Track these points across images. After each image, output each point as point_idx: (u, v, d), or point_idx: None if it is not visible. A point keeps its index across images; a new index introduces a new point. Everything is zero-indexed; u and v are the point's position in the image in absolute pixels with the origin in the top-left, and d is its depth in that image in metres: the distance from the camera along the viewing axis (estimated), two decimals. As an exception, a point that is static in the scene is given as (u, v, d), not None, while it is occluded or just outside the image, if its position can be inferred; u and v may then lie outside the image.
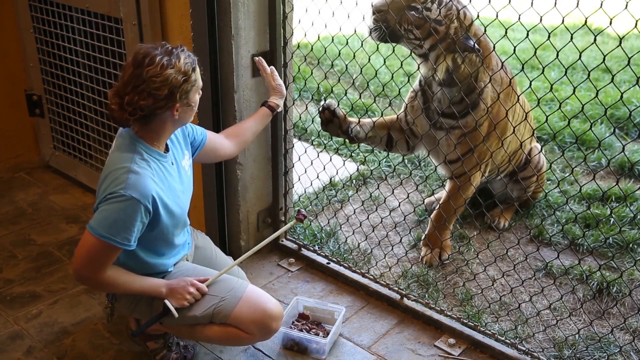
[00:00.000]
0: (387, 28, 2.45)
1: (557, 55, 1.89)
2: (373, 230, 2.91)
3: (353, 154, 3.90)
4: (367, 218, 3.01)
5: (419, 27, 2.44)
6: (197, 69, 1.86)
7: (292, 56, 2.64)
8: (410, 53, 2.62)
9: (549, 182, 3.58)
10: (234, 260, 2.40)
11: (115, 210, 1.75)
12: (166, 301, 1.94)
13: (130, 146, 1.85)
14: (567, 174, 3.62)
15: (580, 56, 1.86)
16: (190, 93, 1.84)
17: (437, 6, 2.43)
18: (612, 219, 3.10)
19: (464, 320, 2.37)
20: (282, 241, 2.94)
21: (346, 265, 2.72)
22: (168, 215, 1.90)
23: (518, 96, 2.71)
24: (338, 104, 3.32)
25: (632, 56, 1.88)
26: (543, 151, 3.26)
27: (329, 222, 3.06)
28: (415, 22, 2.43)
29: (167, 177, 1.92)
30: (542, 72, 2.01)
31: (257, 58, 2.43)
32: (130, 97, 1.74)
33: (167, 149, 1.97)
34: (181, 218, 2.01)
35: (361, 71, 3.51)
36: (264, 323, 2.00)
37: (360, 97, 4.52)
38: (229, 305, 1.98)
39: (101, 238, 1.76)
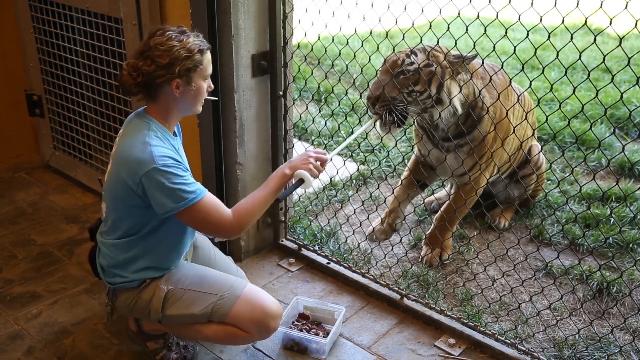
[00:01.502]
0: (394, 107, 2.46)
1: (557, 55, 1.89)
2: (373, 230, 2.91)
3: (353, 154, 3.90)
4: (367, 218, 3.01)
5: (417, 82, 2.46)
6: (206, 55, 1.88)
7: (292, 56, 2.64)
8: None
9: (549, 182, 3.58)
10: (234, 260, 2.41)
11: (167, 181, 1.78)
12: (299, 171, 1.96)
13: (143, 125, 1.89)
14: (567, 174, 3.62)
15: (580, 56, 1.86)
16: (193, 73, 1.85)
17: (414, 55, 2.46)
18: (612, 219, 3.10)
19: (464, 320, 2.37)
20: (282, 241, 2.94)
21: (346, 265, 2.72)
22: None
23: (518, 96, 2.71)
24: (339, 104, 3.32)
25: (632, 56, 1.88)
26: (543, 151, 3.27)
27: (329, 222, 3.06)
28: (411, 80, 2.45)
29: (182, 156, 1.96)
30: (542, 72, 2.01)
31: None
32: (135, 61, 1.82)
33: (174, 134, 2.01)
34: None
35: (361, 71, 3.51)
36: (263, 322, 2.00)
37: (360, 97, 4.51)
38: (227, 303, 1.98)
39: (190, 202, 1.81)
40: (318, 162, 2.01)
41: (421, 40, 2.29)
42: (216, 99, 2.42)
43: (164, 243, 1.99)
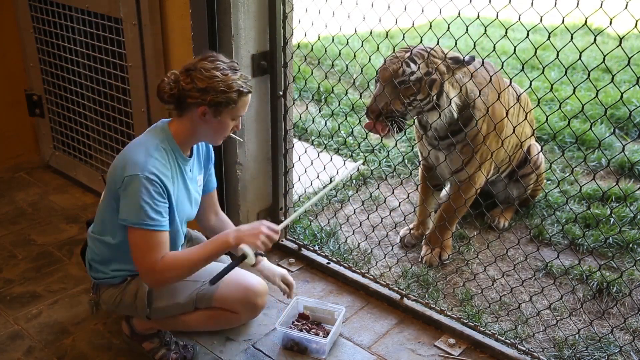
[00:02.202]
0: (399, 116, 2.47)
1: (557, 55, 1.89)
2: (373, 230, 2.91)
3: (353, 154, 3.90)
4: (367, 218, 3.01)
5: (419, 90, 2.45)
6: (244, 98, 1.90)
7: (292, 56, 2.64)
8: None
9: (549, 182, 3.58)
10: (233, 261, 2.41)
11: (134, 193, 1.80)
12: (243, 246, 1.86)
13: (158, 135, 1.92)
14: (567, 174, 3.62)
15: (580, 56, 1.86)
16: (223, 108, 1.87)
17: (413, 64, 2.44)
18: (612, 219, 3.10)
19: (464, 320, 2.37)
20: (282, 241, 2.94)
21: (346, 265, 2.72)
22: (177, 210, 1.96)
23: (519, 95, 2.71)
24: (339, 104, 3.32)
25: (632, 56, 1.87)
26: (543, 151, 3.26)
27: (329, 222, 3.06)
28: (413, 90, 2.45)
29: (179, 176, 1.96)
30: (542, 72, 2.01)
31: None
32: (178, 74, 1.88)
33: (191, 154, 2.02)
34: (184, 220, 2.05)
35: (361, 71, 3.51)
36: (249, 300, 2.02)
37: (360, 97, 4.52)
38: (211, 287, 1.99)
39: (139, 227, 1.80)
40: (270, 232, 1.91)
41: (421, 40, 2.29)
42: (240, 140, 2.46)
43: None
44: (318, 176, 2.84)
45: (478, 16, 1.97)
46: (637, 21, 1.71)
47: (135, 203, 1.80)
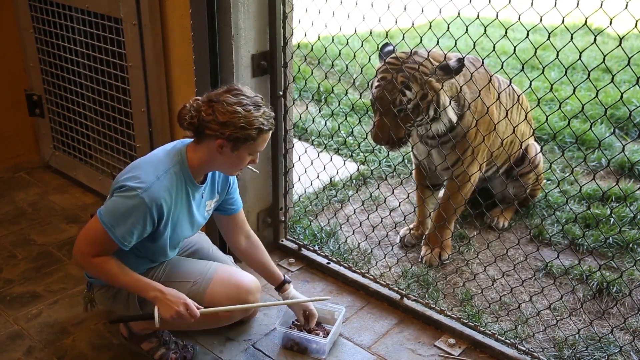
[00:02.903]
0: (402, 140, 2.52)
1: (557, 55, 1.89)
2: (373, 230, 2.91)
3: (353, 154, 3.90)
4: (367, 218, 3.01)
5: (417, 114, 2.47)
6: (264, 135, 1.89)
7: (292, 56, 2.64)
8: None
9: (549, 182, 3.58)
10: (234, 260, 2.42)
11: (124, 204, 1.81)
12: (157, 310, 1.89)
13: (174, 156, 1.92)
14: (567, 174, 3.62)
15: (580, 56, 1.86)
16: (241, 144, 1.86)
17: (409, 91, 2.43)
18: (612, 219, 3.10)
19: (464, 320, 2.37)
20: (282, 241, 2.94)
21: (346, 265, 2.72)
22: (172, 232, 1.96)
23: (518, 96, 2.71)
24: (339, 104, 3.32)
25: (632, 56, 1.87)
26: (543, 151, 3.26)
27: (329, 222, 3.06)
28: (412, 115, 2.47)
29: (184, 200, 1.96)
30: (542, 72, 2.01)
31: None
32: (201, 104, 1.87)
33: (204, 180, 2.02)
34: (179, 240, 2.07)
35: (361, 71, 3.51)
36: (240, 298, 2.02)
37: (360, 97, 4.52)
38: (201, 286, 2.00)
39: (103, 226, 1.81)
40: (187, 313, 1.90)
41: (421, 40, 2.29)
42: (257, 172, 2.47)
43: (133, 261, 2.01)
44: (318, 176, 2.85)
45: (478, 16, 1.97)
46: (637, 21, 1.71)
47: (118, 210, 1.81)
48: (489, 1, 1.86)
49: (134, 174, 1.85)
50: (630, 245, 2.93)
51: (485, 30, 2.05)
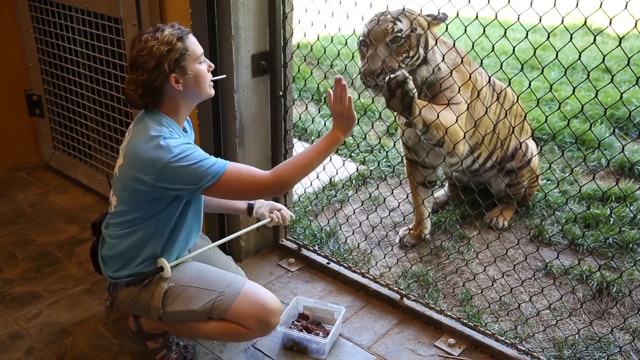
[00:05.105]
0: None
1: (557, 55, 1.89)
2: (373, 230, 2.91)
3: (353, 154, 3.90)
4: (367, 218, 3.01)
5: (410, 47, 2.49)
6: (188, 40, 1.89)
7: (292, 56, 2.64)
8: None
9: (548, 182, 3.58)
10: (234, 260, 2.41)
11: (188, 165, 1.81)
12: (162, 262, 1.97)
13: (154, 120, 1.90)
14: (567, 174, 3.62)
15: (580, 56, 1.86)
16: (183, 62, 1.86)
17: (400, 22, 2.48)
18: (612, 219, 3.10)
19: (464, 320, 2.37)
20: (282, 241, 2.94)
21: (346, 265, 2.72)
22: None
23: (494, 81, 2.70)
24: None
25: (632, 56, 1.88)
26: (543, 151, 3.26)
27: (329, 222, 3.06)
28: (405, 47, 2.48)
29: None
30: (542, 72, 2.01)
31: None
32: (130, 76, 1.86)
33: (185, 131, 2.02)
34: (201, 205, 2.11)
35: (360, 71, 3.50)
36: (263, 318, 2.00)
37: (359, 97, 4.52)
38: (227, 300, 1.98)
39: (218, 177, 1.84)
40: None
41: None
42: (224, 76, 2.41)
43: (171, 229, 2.00)
44: (318, 176, 2.84)
45: (477, 16, 1.97)
46: (637, 21, 1.71)
47: (191, 173, 1.82)
48: (488, 1, 1.86)
49: (147, 153, 1.83)
50: (630, 245, 2.93)
51: (484, 30, 2.05)
